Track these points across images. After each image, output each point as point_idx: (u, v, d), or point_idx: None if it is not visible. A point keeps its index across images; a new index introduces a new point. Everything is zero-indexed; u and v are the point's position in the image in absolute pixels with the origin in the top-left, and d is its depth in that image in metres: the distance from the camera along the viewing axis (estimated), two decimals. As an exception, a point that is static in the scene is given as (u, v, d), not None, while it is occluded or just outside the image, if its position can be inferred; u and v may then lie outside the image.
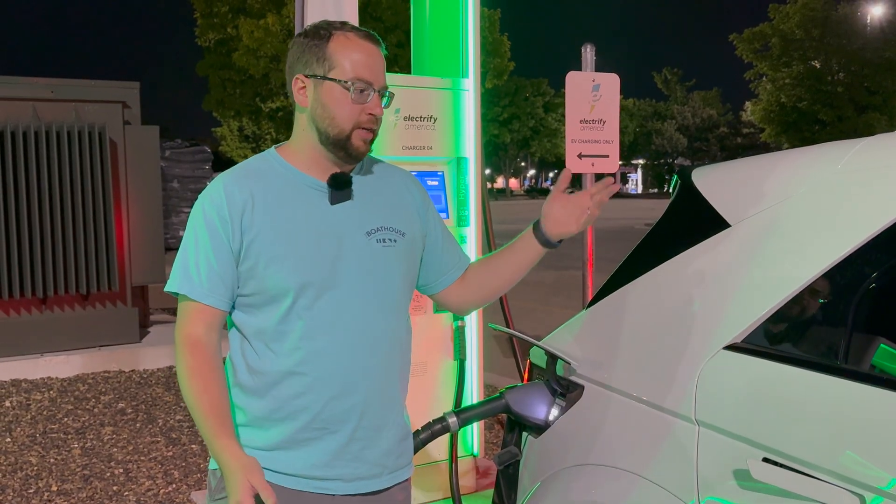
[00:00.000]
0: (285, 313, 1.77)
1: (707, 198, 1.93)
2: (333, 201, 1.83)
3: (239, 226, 1.76)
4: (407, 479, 1.95)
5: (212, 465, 1.87)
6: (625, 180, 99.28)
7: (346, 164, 1.86)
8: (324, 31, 1.82)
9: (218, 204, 1.77)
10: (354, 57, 1.79)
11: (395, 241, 1.87)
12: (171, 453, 5.01)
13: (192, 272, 1.77)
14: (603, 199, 1.90)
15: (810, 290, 1.63)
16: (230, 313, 1.83)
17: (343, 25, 1.83)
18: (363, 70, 1.78)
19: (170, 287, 1.80)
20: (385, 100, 1.84)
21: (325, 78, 1.79)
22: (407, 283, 1.92)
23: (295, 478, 1.80)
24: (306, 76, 1.82)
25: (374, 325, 1.83)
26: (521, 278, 2.01)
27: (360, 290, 1.81)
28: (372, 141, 1.84)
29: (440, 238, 2.02)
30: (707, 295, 1.79)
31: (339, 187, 1.83)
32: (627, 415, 1.88)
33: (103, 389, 6.44)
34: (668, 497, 1.71)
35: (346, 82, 1.78)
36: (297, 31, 3.54)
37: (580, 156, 4.08)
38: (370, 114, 1.79)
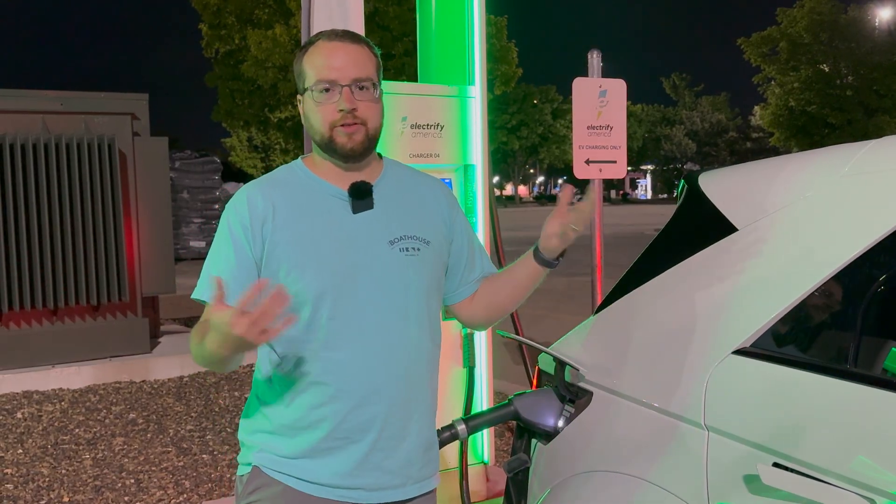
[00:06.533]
0: (307, 322, 1.77)
1: (714, 202, 1.92)
2: (355, 210, 1.83)
3: (260, 234, 1.78)
4: (432, 491, 1.94)
5: (239, 471, 1.88)
6: (634, 186, 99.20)
7: (351, 164, 1.84)
8: (302, 50, 1.86)
9: (241, 213, 1.80)
10: (316, 61, 1.81)
11: (418, 249, 1.85)
12: (181, 463, 5.01)
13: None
14: (575, 212, 1.81)
15: (819, 294, 1.62)
16: None
17: (319, 36, 1.84)
18: (323, 71, 1.79)
19: (194, 294, 1.83)
20: (371, 91, 1.80)
21: (303, 91, 1.84)
22: (432, 291, 1.90)
23: (319, 486, 1.80)
24: (299, 95, 1.87)
25: (397, 335, 1.82)
26: (526, 296, 1.97)
27: (382, 300, 1.80)
28: (366, 134, 1.80)
29: (465, 249, 1.99)
30: (715, 299, 1.78)
31: (360, 196, 1.83)
32: (636, 421, 1.87)
33: (114, 400, 6.46)
34: (678, 503, 1.70)
35: (309, 88, 1.81)
36: (303, 41, 3.56)
37: (588, 162, 4.08)
38: (340, 110, 1.78)
